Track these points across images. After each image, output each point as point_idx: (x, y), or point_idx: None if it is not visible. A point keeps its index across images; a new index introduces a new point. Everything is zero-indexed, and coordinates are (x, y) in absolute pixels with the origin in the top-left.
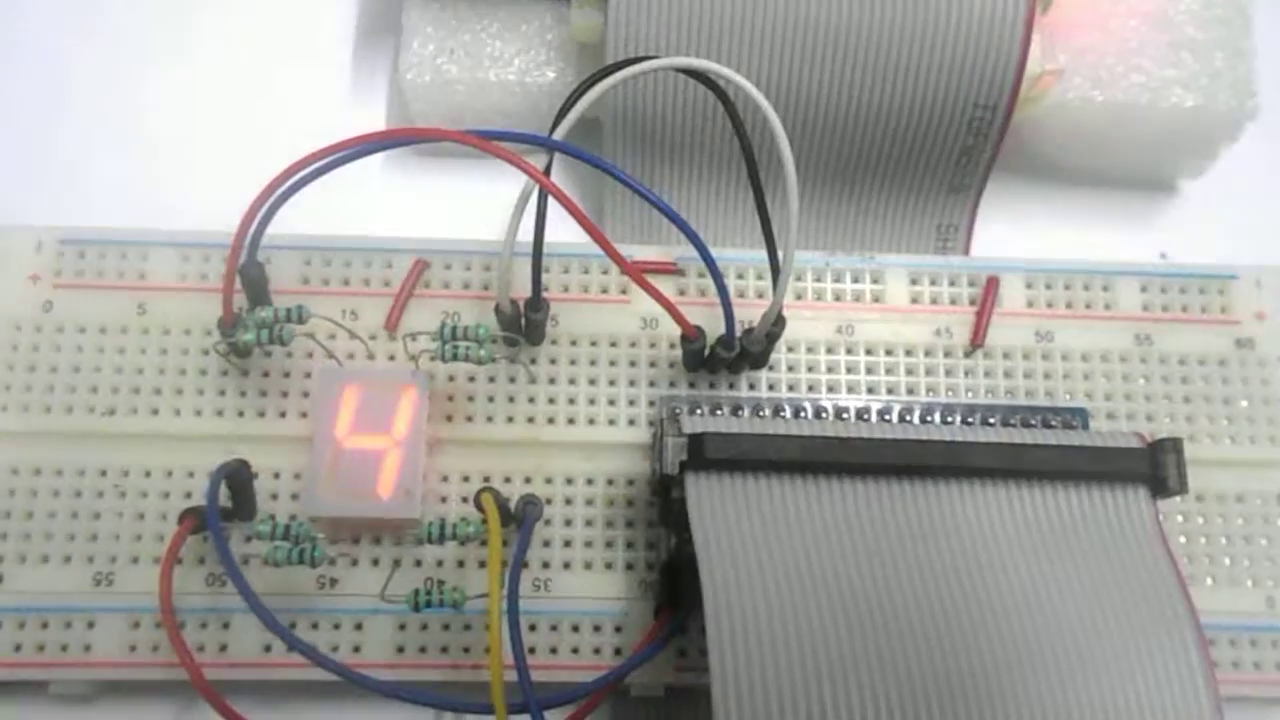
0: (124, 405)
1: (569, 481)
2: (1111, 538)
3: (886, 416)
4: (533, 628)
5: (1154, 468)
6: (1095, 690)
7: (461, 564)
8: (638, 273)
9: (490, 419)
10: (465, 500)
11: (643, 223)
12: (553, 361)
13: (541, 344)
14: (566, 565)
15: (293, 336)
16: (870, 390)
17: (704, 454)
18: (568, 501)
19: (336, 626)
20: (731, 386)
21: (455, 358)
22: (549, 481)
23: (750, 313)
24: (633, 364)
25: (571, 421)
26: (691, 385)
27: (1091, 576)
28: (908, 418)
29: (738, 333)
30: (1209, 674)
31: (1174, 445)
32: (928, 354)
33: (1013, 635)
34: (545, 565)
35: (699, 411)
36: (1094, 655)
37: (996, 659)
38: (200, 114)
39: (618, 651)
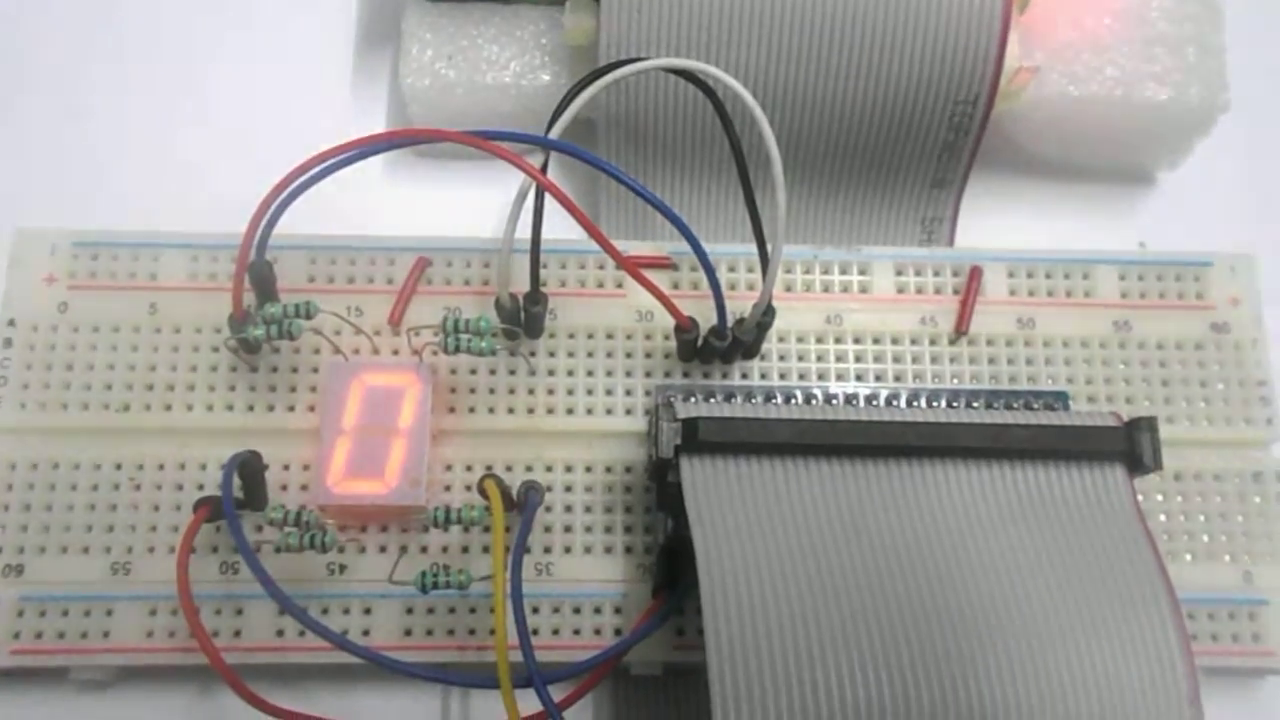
0: (138, 401)
1: (568, 469)
2: (1089, 514)
3: (874, 402)
4: (535, 610)
5: (1130, 446)
6: (1074, 660)
7: (466, 549)
8: (633, 267)
9: (492, 409)
10: (469, 488)
11: (637, 219)
12: (551, 353)
13: (541, 337)
14: (567, 549)
15: (301, 331)
16: (858, 377)
17: (698, 438)
18: (567, 488)
19: (346, 611)
20: (724, 375)
21: (458, 350)
22: (549, 469)
23: (741, 304)
24: (629, 355)
25: (570, 411)
26: (686, 375)
27: (1070, 551)
28: (895, 403)
29: (729, 323)
30: (1184, 645)
31: (1149, 424)
32: (914, 342)
33: (994, 607)
34: (547, 550)
35: (693, 399)
36: (1073, 626)
37: (979, 630)
38: (207, 120)
39: (617, 632)
